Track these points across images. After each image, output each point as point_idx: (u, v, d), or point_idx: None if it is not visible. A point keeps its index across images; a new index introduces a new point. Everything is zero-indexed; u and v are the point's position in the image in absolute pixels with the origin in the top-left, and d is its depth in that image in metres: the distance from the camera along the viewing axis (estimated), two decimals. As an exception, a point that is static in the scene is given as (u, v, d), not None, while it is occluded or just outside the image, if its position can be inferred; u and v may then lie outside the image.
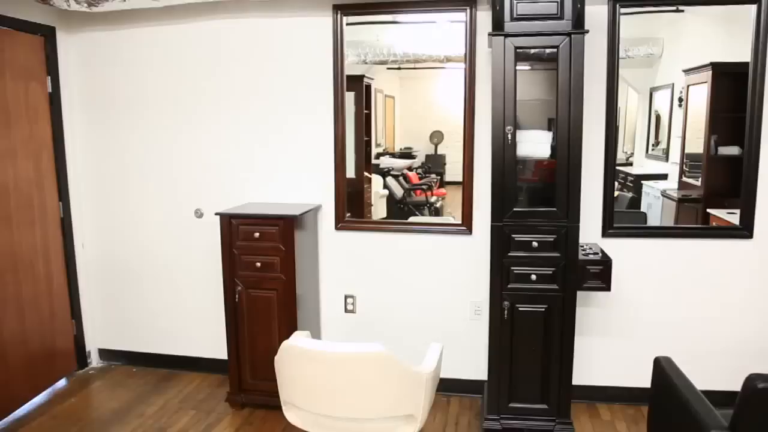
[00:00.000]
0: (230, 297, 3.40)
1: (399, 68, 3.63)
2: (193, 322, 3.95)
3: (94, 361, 4.15)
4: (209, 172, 3.77)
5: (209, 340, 3.89)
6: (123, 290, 4.04)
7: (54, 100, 3.75)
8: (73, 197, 3.93)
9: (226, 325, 3.45)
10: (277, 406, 2.56)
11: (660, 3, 3.28)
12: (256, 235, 3.31)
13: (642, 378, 3.01)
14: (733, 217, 3.33)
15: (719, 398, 2.21)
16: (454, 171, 3.59)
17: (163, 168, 3.84)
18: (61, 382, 3.86)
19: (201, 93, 3.71)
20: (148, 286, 4.00)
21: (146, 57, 3.75)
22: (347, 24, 3.49)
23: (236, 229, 3.34)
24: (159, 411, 3.48)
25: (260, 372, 3.41)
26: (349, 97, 3.58)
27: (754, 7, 3.13)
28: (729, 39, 3.29)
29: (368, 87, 3.66)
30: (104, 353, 4.17)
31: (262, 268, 3.33)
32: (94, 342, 4.14)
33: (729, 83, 3.29)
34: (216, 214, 3.37)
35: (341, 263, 3.70)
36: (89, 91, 3.87)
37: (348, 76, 3.54)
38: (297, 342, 2.33)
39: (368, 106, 3.68)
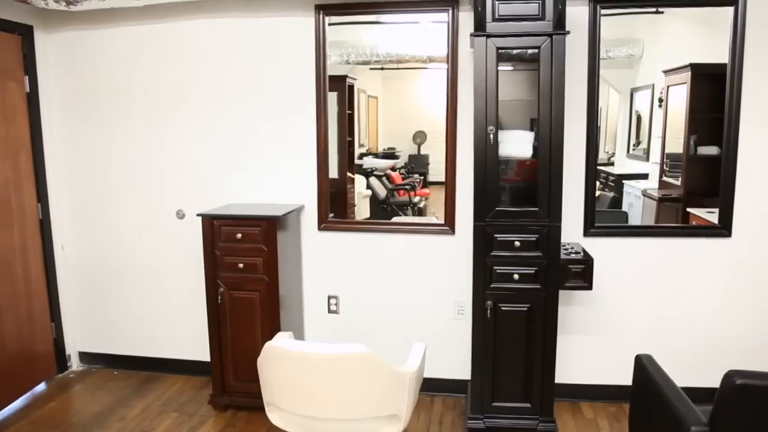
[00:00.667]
0: (212, 298, 3.37)
1: (382, 68, 3.63)
2: (175, 323, 3.92)
3: (74, 364, 4.10)
4: (191, 172, 3.74)
5: (192, 341, 3.86)
6: (104, 292, 4.00)
7: (32, 100, 3.70)
8: (52, 198, 3.87)
9: (208, 327, 3.42)
10: (261, 408, 2.55)
11: (640, 4, 3.31)
12: (239, 236, 3.29)
13: (624, 375, 3.04)
14: (712, 216, 3.37)
15: (699, 395, 2.23)
16: (437, 171, 3.60)
17: (144, 169, 3.81)
18: (41, 386, 3.80)
19: (182, 93, 3.68)
20: (130, 288, 3.95)
21: (126, 57, 3.71)
22: (330, 24, 3.48)
23: (218, 230, 3.31)
24: (141, 414, 3.45)
25: (243, 374, 3.38)
26: (332, 98, 3.58)
27: (731, 9, 3.17)
28: (707, 40, 3.33)
29: (351, 87, 3.65)
30: (84, 356, 4.12)
31: (245, 269, 3.31)
32: (74, 345, 4.08)
33: (708, 84, 3.33)
34: (198, 215, 3.35)
35: (324, 264, 3.69)
36: (68, 90, 3.82)
37: (331, 77, 3.53)
38: (280, 343, 2.32)
39: (351, 107, 3.68)
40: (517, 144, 3.14)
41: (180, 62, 3.65)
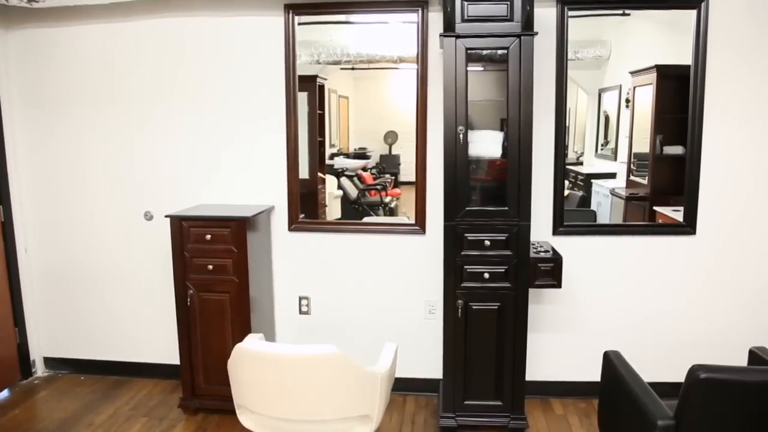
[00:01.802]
0: (182, 300, 3.33)
1: (353, 69, 3.62)
2: (144, 327, 3.85)
3: (39, 370, 4.01)
4: (159, 173, 3.69)
5: (160, 345, 3.80)
6: (69, 296, 3.91)
7: (-8, 99, 3.61)
8: (15, 200, 3.78)
9: (177, 329, 3.37)
10: (232, 411, 2.52)
11: (606, 6, 3.36)
12: (208, 237, 3.25)
13: (593, 372, 3.07)
14: (677, 214, 3.44)
15: (666, 389, 2.28)
16: (408, 171, 3.60)
17: (111, 169, 3.74)
18: (4, 393, 3.71)
19: (149, 93, 3.62)
20: (96, 291, 3.88)
21: (92, 56, 3.64)
22: (299, 24, 3.46)
23: (187, 232, 3.27)
24: (109, 420, 3.38)
25: (214, 376, 3.35)
26: (302, 98, 3.56)
27: (694, 12, 3.24)
28: (673, 42, 3.39)
29: (322, 87, 3.64)
30: (50, 362, 4.03)
31: (215, 271, 3.27)
32: (38, 350, 3.99)
33: (673, 85, 3.39)
34: (166, 216, 3.30)
35: (295, 264, 3.67)
36: (31, 89, 3.73)
37: (301, 77, 3.51)
38: (250, 345, 2.30)
39: (322, 107, 3.66)
40: (487, 144, 3.16)
41: (146, 62, 3.59)
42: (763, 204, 3.37)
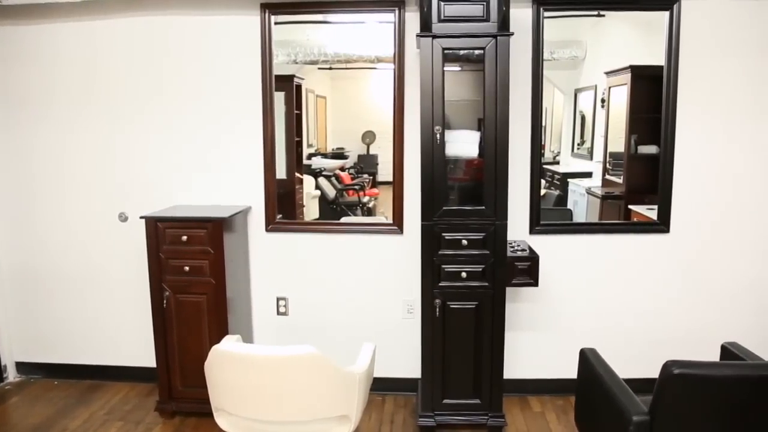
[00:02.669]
0: (158, 302, 3.29)
1: (330, 68, 3.61)
2: (119, 329, 3.80)
3: (11, 375, 3.93)
4: (133, 174, 3.64)
5: (136, 347, 3.75)
6: (41, 299, 3.85)
7: (-39, 99, 3.54)
8: (-17, 202, 3.72)
9: (153, 332, 3.33)
10: (209, 413, 2.49)
11: (581, 7, 3.40)
12: (184, 238, 3.22)
13: (570, 369, 3.10)
14: (652, 212, 3.48)
15: (641, 385, 2.30)
16: (386, 171, 3.60)
17: (83, 170, 3.68)
18: (-26, 399, 3.64)
19: (122, 92, 3.57)
20: (70, 294, 3.82)
21: (61, 54, 3.58)
22: (276, 23, 3.44)
23: (163, 233, 3.24)
24: (84, 425, 3.33)
25: (191, 379, 3.31)
26: (279, 98, 3.54)
27: (667, 14, 3.29)
28: (647, 43, 3.44)
29: (299, 87, 3.62)
30: (22, 366, 3.95)
31: (191, 272, 3.24)
32: (10, 355, 3.91)
33: (647, 85, 3.44)
34: (141, 217, 3.26)
35: (273, 265, 3.65)
36: (5, 88, 3.66)
37: (278, 76, 3.50)
38: (227, 346, 2.29)
39: (299, 107, 3.65)
40: (464, 144, 3.17)
41: (120, 61, 3.55)
42: (734, 202, 3.44)
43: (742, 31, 3.30)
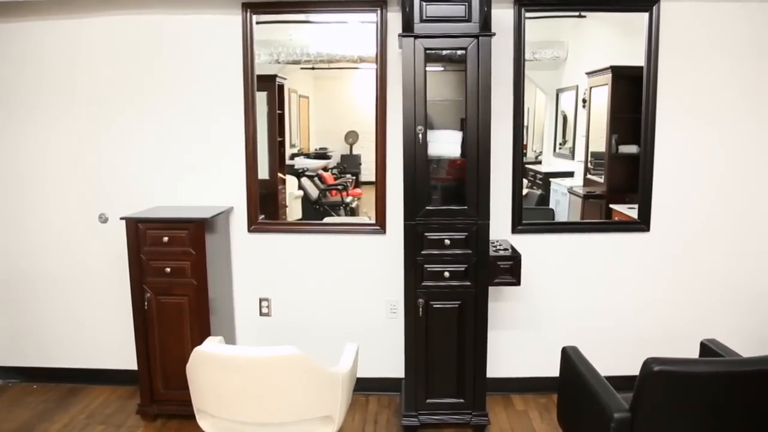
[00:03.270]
0: (139, 304, 3.26)
1: (313, 68, 3.60)
2: (100, 332, 3.76)
3: (-11, 379, 3.89)
4: (114, 174, 3.60)
5: (117, 350, 3.71)
6: (19, 302, 3.79)
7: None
8: (-39, 203, 3.65)
9: (135, 334, 3.30)
10: (191, 416, 2.48)
11: (562, 8, 3.42)
12: (165, 239, 3.19)
13: (552, 367, 3.12)
14: (633, 211, 3.52)
15: (622, 383, 2.32)
16: (369, 171, 3.60)
17: (63, 171, 3.63)
18: (-49, 404, 3.58)
19: (103, 92, 3.53)
20: (48, 296, 3.76)
21: (40, 53, 3.53)
22: (258, 23, 3.42)
23: (144, 234, 3.21)
24: (63, 429, 3.29)
25: (173, 381, 3.29)
26: (262, 98, 3.52)
27: (646, 15, 3.32)
28: (627, 44, 3.47)
29: (281, 87, 3.61)
30: None
31: (172, 274, 3.22)
32: (-13, 359, 3.86)
33: (627, 85, 3.47)
34: (122, 218, 3.23)
35: (255, 266, 3.63)
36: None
37: (260, 76, 3.48)
38: (209, 348, 2.28)
39: (282, 107, 3.63)
40: (446, 143, 3.18)
41: (100, 60, 3.51)
42: (714, 201, 3.48)
43: (721, 32, 3.35)
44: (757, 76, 3.38)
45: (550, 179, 3.65)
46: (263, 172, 3.58)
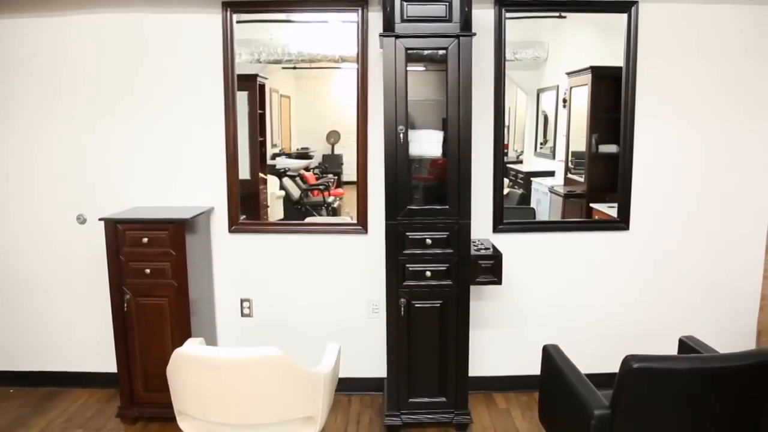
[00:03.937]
0: (118, 306, 3.22)
1: (294, 68, 3.58)
2: (78, 334, 3.71)
3: (-36, 384, 3.81)
4: (92, 174, 3.56)
5: (96, 352, 3.66)
6: (-4, 304, 3.74)
7: None
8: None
9: (114, 336, 3.26)
10: (172, 418, 2.46)
11: (542, 9, 3.44)
12: (145, 240, 3.16)
13: (533, 365, 3.14)
14: (612, 210, 3.55)
15: (603, 380, 2.34)
16: (351, 171, 3.59)
17: (39, 171, 3.58)
18: (-75, 409, 3.51)
19: (81, 91, 3.49)
20: (24, 298, 3.70)
21: (18, 51, 3.47)
22: (238, 22, 3.40)
23: (123, 235, 3.17)
24: (41, 433, 3.25)
25: (153, 383, 3.26)
26: (242, 97, 3.50)
27: (625, 16, 3.36)
28: (606, 44, 3.50)
29: (262, 87, 3.59)
30: (-25, 374, 3.83)
31: (152, 275, 3.19)
32: (-38, 363, 3.79)
33: (607, 86, 3.50)
34: (100, 219, 3.19)
35: (236, 267, 3.61)
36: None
37: (241, 76, 3.46)
38: (189, 349, 2.26)
39: (263, 106, 3.61)
40: (427, 143, 3.18)
41: (78, 59, 3.46)
42: (692, 200, 3.53)
43: (698, 34, 3.39)
44: (734, 77, 3.43)
45: (531, 178, 3.67)
46: (244, 172, 3.55)
